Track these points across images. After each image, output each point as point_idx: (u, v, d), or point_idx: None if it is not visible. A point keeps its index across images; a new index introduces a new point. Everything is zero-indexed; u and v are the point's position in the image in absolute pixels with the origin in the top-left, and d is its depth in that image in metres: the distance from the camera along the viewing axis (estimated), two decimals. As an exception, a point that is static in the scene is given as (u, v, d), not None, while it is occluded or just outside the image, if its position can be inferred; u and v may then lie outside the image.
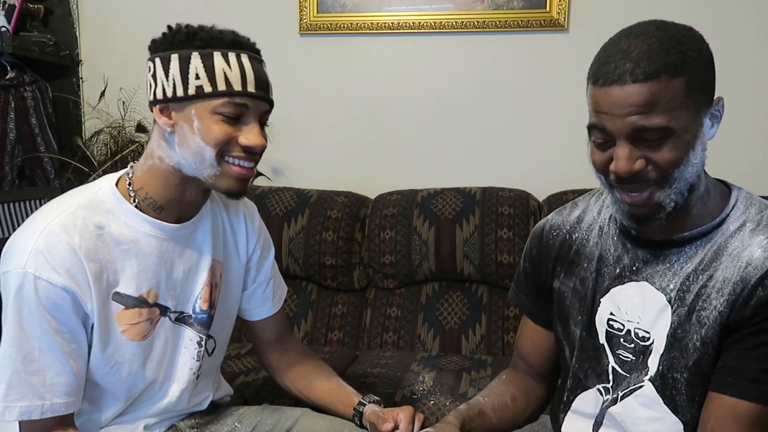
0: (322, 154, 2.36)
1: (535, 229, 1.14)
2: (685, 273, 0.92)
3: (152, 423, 1.10)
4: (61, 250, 0.93)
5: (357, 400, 1.17)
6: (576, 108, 2.20)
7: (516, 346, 1.21)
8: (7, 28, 2.18)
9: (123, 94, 2.30)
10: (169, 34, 0.99)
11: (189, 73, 0.95)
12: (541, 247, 1.10)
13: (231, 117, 0.96)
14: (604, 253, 1.01)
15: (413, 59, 2.28)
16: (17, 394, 0.92)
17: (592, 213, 1.07)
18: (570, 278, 1.06)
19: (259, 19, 2.30)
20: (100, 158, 2.35)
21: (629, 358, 0.97)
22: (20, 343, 0.92)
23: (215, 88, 0.95)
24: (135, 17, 2.39)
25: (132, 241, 1.00)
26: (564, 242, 1.07)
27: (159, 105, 0.98)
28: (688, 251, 0.93)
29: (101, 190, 1.01)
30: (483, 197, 2.03)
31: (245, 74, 0.96)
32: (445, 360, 1.80)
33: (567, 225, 1.08)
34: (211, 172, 0.98)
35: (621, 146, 0.85)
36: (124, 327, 1.01)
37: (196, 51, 0.95)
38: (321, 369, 1.27)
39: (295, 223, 2.07)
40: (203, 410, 1.18)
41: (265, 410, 1.21)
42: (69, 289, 0.93)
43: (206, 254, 1.10)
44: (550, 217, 1.12)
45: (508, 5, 2.17)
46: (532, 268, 1.12)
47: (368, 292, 2.12)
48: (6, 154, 2.21)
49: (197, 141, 0.96)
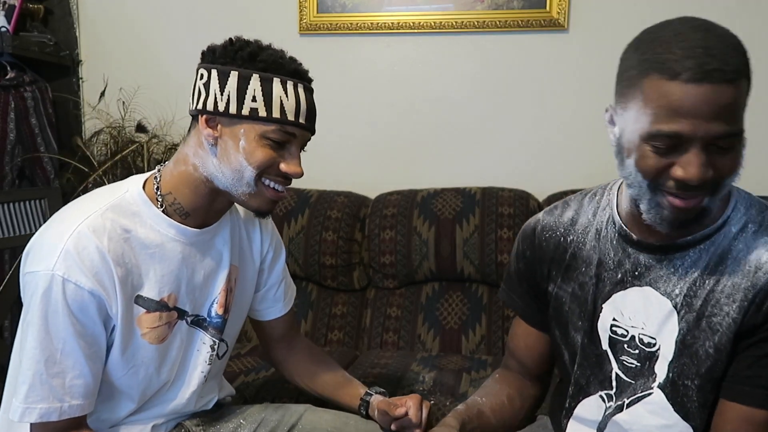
0: (322, 154, 2.34)
1: (525, 228, 1.10)
2: (692, 278, 0.91)
3: (160, 423, 1.11)
4: (91, 253, 0.93)
5: (363, 391, 1.21)
6: (576, 108, 2.22)
7: (508, 347, 1.19)
8: (7, 28, 2.18)
9: (123, 94, 2.30)
10: (231, 48, 0.99)
11: (246, 94, 0.96)
12: (534, 248, 1.07)
13: (278, 143, 0.99)
14: (604, 257, 0.99)
15: (413, 59, 2.28)
16: (38, 396, 0.92)
17: (587, 215, 1.04)
18: (568, 283, 1.03)
19: (259, 19, 2.30)
20: (100, 158, 2.34)
21: (634, 364, 0.95)
22: (44, 345, 0.92)
23: (270, 114, 0.97)
24: (135, 17, 2.38)
25: (157, 245, 1.01)
26: (558, 245, 1.04)
27: (206, 115, 0.99)
28: (692, 255, 0.91)
29: (129, 192, 1.02)
30: (483, 197, 2.03)
31: (299, 105, 0.99)
32: (445, 360, 1.80)
33: (560, 227, 1.05)
34: (246, 191, 1.00)
35: (695, 153, 0.79)
36: (144, 330, 1.01)
37: (257, 73, 0.97)
38: (327, 363, 1.30)
39: (295, 223, 2.07)
40: (208, 409, 1.19)
41: (268, 407, 1.23)
42: (96, 292, 0.93)
43: (225, 259, 1.11)
44: (541, 217, 1.09)
45: (508, 5, 2.17)
46: (527, 269, 1.09)
47: (368, 292, 2.12)
48: (6, 154, 2.20)
49: (240, 159, 0.98)
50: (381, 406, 1.14)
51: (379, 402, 1.16)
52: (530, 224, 1.10)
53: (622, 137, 0.87)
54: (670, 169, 0.81)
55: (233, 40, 1.01)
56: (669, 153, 0.80)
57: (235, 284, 1.15)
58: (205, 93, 0.98)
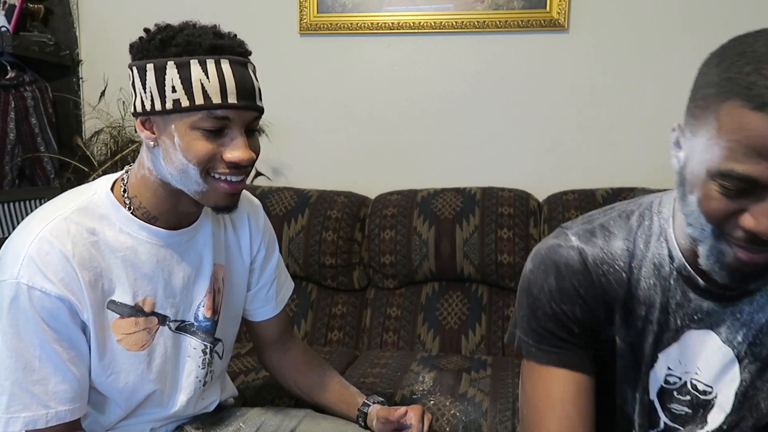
0: (322, 154, 2.36)
1: (566, 262, 0.86)
2: (758, 325, 0.81)
3: (158, 426, 1.10)
4: (54, 258, 0.89)
5: (361, 400, 1.17)
6: (576, 108, 2.22)
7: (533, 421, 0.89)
8: (7, 28, 2.18)
9: (123, 94, 2.31)
10: (145, 39, 0.92)
11: (165, 86, 0.88)
12: (593, 286, 0.85)
13: (212, 131, 0.89)
14: (665, 300, 0.83)
15: (413, 59, 2.28)
16: (20, 405, 0.89)
17: (639, 246, 0.86)
18: (627, 331, 0.86)
19: (259, 19, 2.30)
20: (100, 158, 2.35)
21: (684, 411, 0.86)
22: (19, 353, 0.89)
23: (192, 102, 0.87)
24: (135, 17, 2.38)
25: (128, 248, 0.96)
26: (622, 282, 0.85)
27: (140, 118, 0.93)
28: (759, 300, 0.81)
29: (96, 194, 0.98)
30: (483, 197, 2.03)
31: (224, 84, 0.88)
32: (445, 360, 1.80)
33: (618, 259, 0.86)
34: (197, 189, 0.93)
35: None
36: (119, 336, 0.97)
37: (171, 60, 0.88)
38: (324, 369, 1.26)
39: (295, 223, 2.07)
40: (208, 412, 1.18)
41: (268, 411, 1.21)
42: (64, 297, 0.89)
43: (207, 260, 1.06)
44: (581, 246, 0.87)
45: (508, 5, 2.17)
46: (583, 313, 0.86)
47: (368, 292, 2.12)
48: (6, 154, 2.21)
49: (180, 158, 0.90)
50: (381, 414, 1.11)
51: (379, 410, 1.13)
52: (572, 257, 0.86)
53: (687, 167, 0.73)
54: (740, 217, 0.68)
55: (147, 30, 0.92)
56: (740, 197, 0.67)
57: (223, 283, 1.10)
58: (134, 94, 0.92)
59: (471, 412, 1.49)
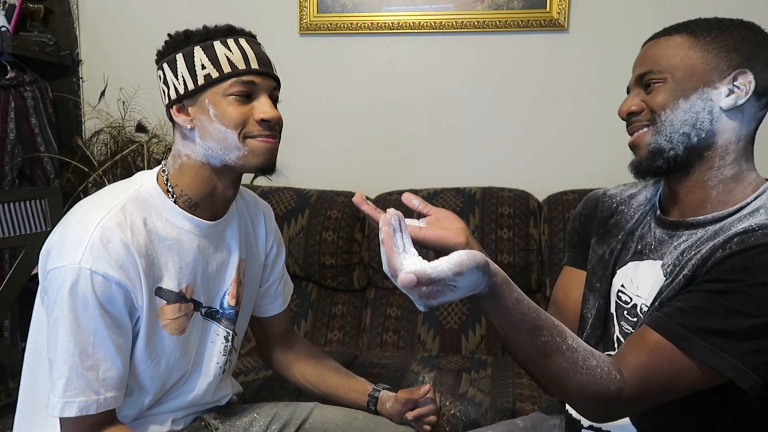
0: (322, 154, 2.36)
1: (591, 194, 1.17)
2: (681, 249, 0.92)
3: (179, 417, 1.13)
4: (117, 245, 0.95)
5: (370, 387, 1.25)
6: (576, 108, 2.22)
7: (551, 301, 1.21)
8: (7, 28, 2.18)
9: (123, 94, 2.30)
10: (171, 39, 1.04)
11: (195, 66, 1.00)
12: (594, 209, 1.14)
13: (242, 95, 1.00)
14: (636, 228, 1.04)
15: (413, 59, 2.28)
16: (76, 390, 0.93)
17: (645, 195, 1.08)
18: (601, 245, 1.09)
19: (259, 19, 2.30)
20: (100, 158, 2.35)
21: (630, 330, 0.98)
22: (77, 339, 0.93)
23: (221, 72, 0.99)
24: (135, 17, 2.39)
25: (174, 237, 1.03)
26: (610, 210, 1.11)
27: (176, 105, 1.02)
28: (698, 233, 0.91)
29: (143, 186, 1.04)
30: (483, 197, 2.03)
31: (246, 54, 1.01)
32: (445, 360, 1.80)
33: (618, 197, 1.11)
34: (238, 154, 1.01)
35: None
36: (165, 321, 1.03)
37: (197, 45, 1.00)
38: (328, 361, 1.33)
39: (295, 223, 2.07)
40: (221, 405, 1.22)
41: (279, 403, 1.26)
42: (123, 283, 0.95)
43: (235, 252, 1.14)
44: (610, 188, 1.16)
45: (508, 5, 2.17)
46: (582, 226, 1.16)
47: (368, 292, 2.12)
48: (6, 154, 2.21)
49: (217, 127, 1.00)
50: (401, 395, 1.18)
51: (399, 392, 1.19)
52: (598, 191, 1.16)
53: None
54: None
55: (170, 35, 1.04)
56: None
57: (244, 277, 1.18)
58: (166, 88, 1.03)
59: (471, 412, 1.49)
